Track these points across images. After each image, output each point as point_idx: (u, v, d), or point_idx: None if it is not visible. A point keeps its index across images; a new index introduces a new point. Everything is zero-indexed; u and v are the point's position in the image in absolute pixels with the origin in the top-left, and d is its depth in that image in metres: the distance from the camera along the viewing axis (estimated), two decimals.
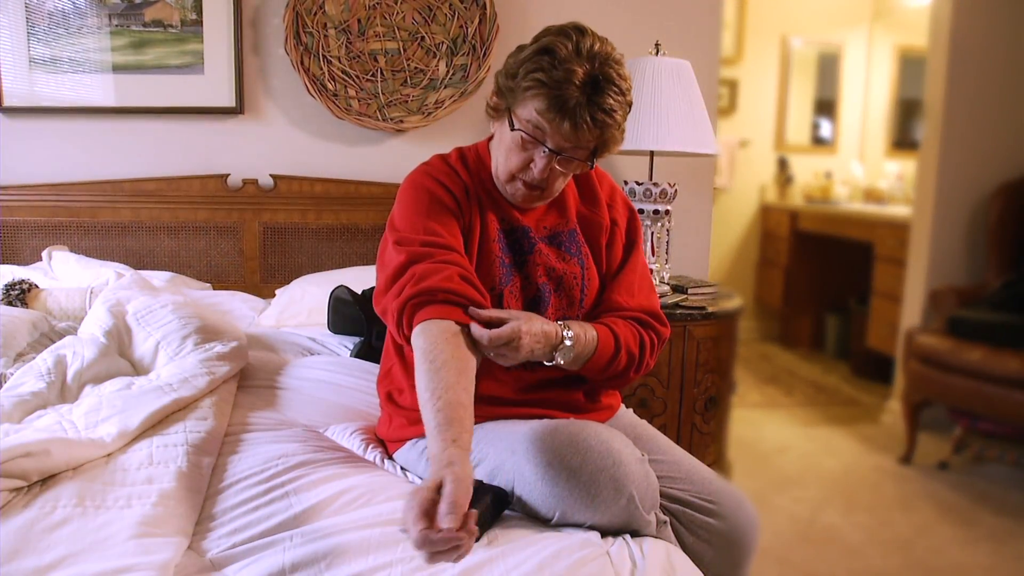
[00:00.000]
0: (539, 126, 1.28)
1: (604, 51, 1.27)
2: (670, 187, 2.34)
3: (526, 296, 1.39)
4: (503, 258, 1.39)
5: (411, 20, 2.62)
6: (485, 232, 1.39)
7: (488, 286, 1.35)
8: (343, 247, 2.67)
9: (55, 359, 1.64)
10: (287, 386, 1.76)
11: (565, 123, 1.25)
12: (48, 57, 2.56)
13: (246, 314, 2.30)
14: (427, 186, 1.38)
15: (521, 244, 1.41)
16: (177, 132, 2.65)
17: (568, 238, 1.45)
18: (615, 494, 1.16)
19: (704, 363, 2.32)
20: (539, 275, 1.40)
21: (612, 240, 1.48)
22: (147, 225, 2.60)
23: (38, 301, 2.09)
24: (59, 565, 1.00)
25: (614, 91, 1.26)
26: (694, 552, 1.28)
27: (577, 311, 1.41)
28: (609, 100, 1.26)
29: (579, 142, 1.28)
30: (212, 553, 1.10)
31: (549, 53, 1.26)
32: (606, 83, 1.26)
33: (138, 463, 1.28)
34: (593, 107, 1.25)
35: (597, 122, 1.26)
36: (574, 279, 1.42)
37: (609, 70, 1.26)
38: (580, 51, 1.25)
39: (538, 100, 1.26)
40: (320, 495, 1.22)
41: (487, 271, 1.37)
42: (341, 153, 2.71)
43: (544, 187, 1.35)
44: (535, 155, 1.31)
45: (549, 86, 1.25)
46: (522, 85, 1.28)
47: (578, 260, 1.43)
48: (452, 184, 1.39)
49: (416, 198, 1.37)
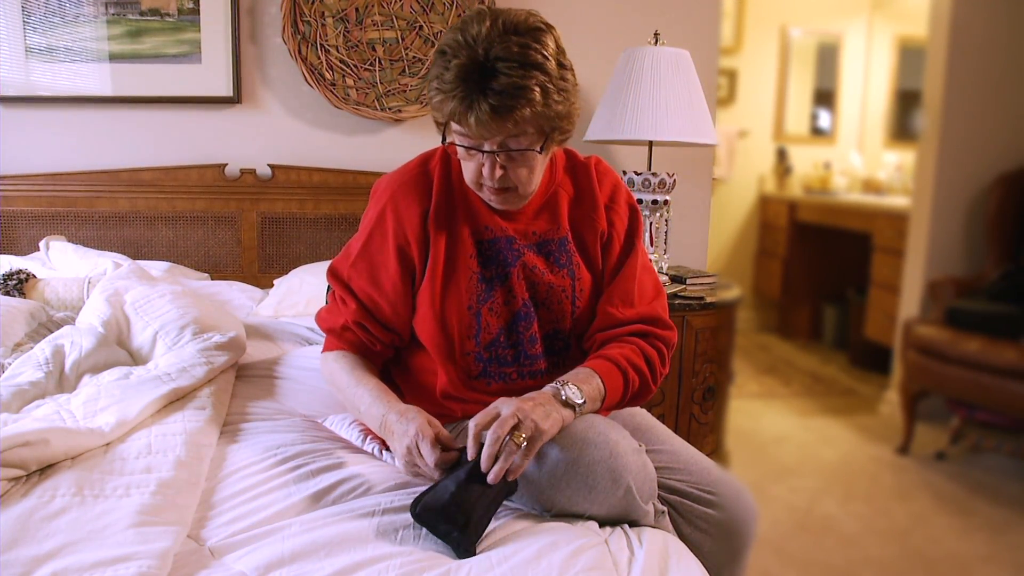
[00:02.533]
0: (462, 131, 1.22)
1: (498, 28, 1.17)
2: (669, 177, 2.34)
3: (509, 311, 1.34)
4: (481, 272, 1.33)
5: (409, 9, 2.61)
6: (455, 248, 1.33)
7: (464, 305, 1.32)
8: (341, 237, 2.66)
9: (53, 349, 1.64)
10: (286, 376, 1.76)
11: (471, 120, 1.17)
12: (44, 46, 2.54)
13: (244, 304, 2.30)
14: (383, 211, 1.36)
15: (504, 255, 1.35)
16: (174, 122, 2.64)
17: (558, 247, 1.38)
18: (612, 485, 1.15)
19: (702, 353, 2.32)
20: (522, 290, 1.34)
21: (608, 245, 1.40)
22: (145, 215, 2.59)
23: (36, 291, 2.09)
24: (58, 554, 1.00)
25: (510, 66, 1.15)
26: (692, 542, 1.28)
27: (569, 323, 1.37)
28: (504, 80, 1.15)
29: (497, 134, 1.20)
30: (211, 542, 1.11)
31: (442, 55, 1.21)
32: (499, 62, 1.16)
33: (137, 452, 1.28)
34: (490, 94, 1.15)
35: (499, 108, 1.16)
36: (563, 292, 1.36)
37: (505, 46, 1.16)
38: (467, 41, 1.17)
39: (444, 107, 1.20)
40: (319, 484, 1.23)
41: (457, 290, 1.32)
42: (339, 143, 2.71)
43: (512, 185, 1.27)
44: (480, 160, 1.25)
45: (445, 91, 1.19)
46: (431, 97, 1.23)
47: (568, 271, 1.37)
48: (411, 208, 1.33)
49: (367, 225, 1.39)
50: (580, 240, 1.40)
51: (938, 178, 3.55)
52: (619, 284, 1.38)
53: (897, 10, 5.10)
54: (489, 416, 1.15)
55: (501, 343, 1.33)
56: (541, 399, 1.18)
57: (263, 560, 1.03)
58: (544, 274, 1.35)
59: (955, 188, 3.56)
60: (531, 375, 1.35)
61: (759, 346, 5.07)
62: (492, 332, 1.33)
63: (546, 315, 1.36)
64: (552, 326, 1.36)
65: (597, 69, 2.61)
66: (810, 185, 5.22)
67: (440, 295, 1.32)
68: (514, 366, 1.34)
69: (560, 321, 1.36)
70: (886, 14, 5.18)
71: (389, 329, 1.38)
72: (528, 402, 1.16)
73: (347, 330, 1.38)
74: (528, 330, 1.34)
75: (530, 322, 1.34)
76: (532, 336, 1.34)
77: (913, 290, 3.65)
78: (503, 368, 1.34)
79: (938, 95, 3.52)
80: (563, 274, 1.36)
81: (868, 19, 5.24)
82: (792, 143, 5.25)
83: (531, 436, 1.12)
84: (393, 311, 1.36)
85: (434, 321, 1.32)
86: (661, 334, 1.38)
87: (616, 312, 1.36)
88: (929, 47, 3.62)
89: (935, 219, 3.57)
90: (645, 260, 1.44)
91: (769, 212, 5.21)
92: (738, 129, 4.82)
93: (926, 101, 3.63)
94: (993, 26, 3.50)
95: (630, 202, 1.44)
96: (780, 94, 5.19)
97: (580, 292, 1.37)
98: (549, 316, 1.36)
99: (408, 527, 1.11)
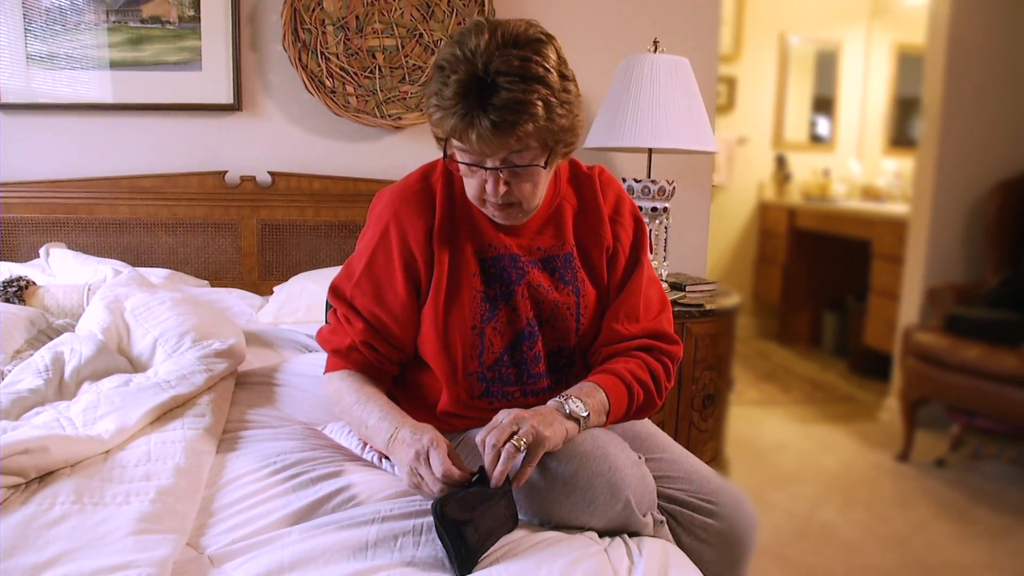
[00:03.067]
0: (463, 148, 1.19)
1: (497, 41, 1.14)
2: (668, 184, 2.34)
3: (513, 330, 1.32)
4: (485, 291, 1.31)
5: (409, 16, 2.62)
6: (458, 267, 1.31)
7: (468, 325, 1.30)
8: (341, 244, 2.66)
9: (53, 356, 1.64)
10: (285, 383, 1.76)
11: (473, 137, 1.14)
12: (45, 53, 2.55)
13: (244, 311, 2.30)
14: (386, 227, 1.32)
15: (508, 273, 1.32)
16: (175, 129, 2.65)
17: (564, 263, 1.35)
18: (611, 499, 1.15)
19: (702, 360, 2.32)
20: (527, 308, 1.32)
21: (613, 259, 1.38)
22: (145, 222, 2.59)
23: (36, 298, 2.09)
24: (57, 562, 0.99)
25: (512, 81, 1.13)
26: (692, 552, 1.26)
27: (573, 340, 1.35)
28: (505, 95, 1.12)
29: (500, 150, 1.17)
30: (211, 550, 1.10)
31: (441, 70, 1.17)
32: (500, 76, 1.13)
33: (136, 460, 1.28)
34: (491, 110, 1.12)
35: (501, 124, 1.13)
36: (568, 310, 1.34)
37: (505, 59, 1.13)
38: (466, 55, 1.14)
39: (445, 124, 1.17)
40: (318, 492, 1.22)
41: (461, 309, 1.30)
42: (339, 150, 2.71)
43: (515, 201, 1.24)
44: (483, 176, 1.22)
45: (444, 108, 1.16)
46: (430, 114, 1.20)
47: (573, 287, 1.35)
48: (416, 224, 1.30)
49: (370, 242, 1.34)
50: (585, 255, 1.37)
51: (937, 185, 3.56)
52: (624, 300, 1.36)
53: (896, 17, 5.11)
54: (491, 428, 1.14)
55: (504, 362, 1.32)
56: (543, 410, 1.18)
57: (262, 568, 1.03)
58: (549, 292, 1.33)
59: (954, 195, 3.56)
60: (534, 393, 1.33)
61: (758, 353, 5.06)
62: (496, 352, 1.31)
63: (551, 333, 1.34)
64: (557, 343, 1.34)
65: (596, 77, 2.61)
66: (809, 192, 5.22)
67: (443, 314, 1.30)
68: (517, 385, 1.33)
69: (564, 339, 1.34)
70: (885, 21, 5.19)
71: (396, 347, 1.34)
72: (529, 411, 1.16)
73: (354, 350, 1.34)
74: (532, 349, 1.32)
75: (534, 341, 1.32)
76: (536, 355, 1.33)
77: (912, 297, 3.64)
78: (506, 387, 1.32)
79: (937, 102, 3.53)
80: (568, 291, 1.34)
81: (867, 26, 5.25)
82: (791, 150, 5.25)
83: (532, 441, 1.11)
84: (400, 329, 1.32)
85: (437, 341, 1.30)
86: (667, 349, 1.36)
87: (621, 328, 1.34)
88: (928, 54, 3.63)
89: (934, 226, 3.57)
90: (651, 273, 1.41)
91: (768, 219, 5.21)
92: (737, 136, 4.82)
93: (925, 108, 3.63)
94: (992, 33, 3.51)
95: (635, 214, 1.42)
96: (779, 101, 5.20)
97: (585, 309, 1.35)
98: (554, 334, 1.34)
99: (407, 535, 1.11)
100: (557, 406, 1.19)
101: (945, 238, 3.58)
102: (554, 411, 1.18)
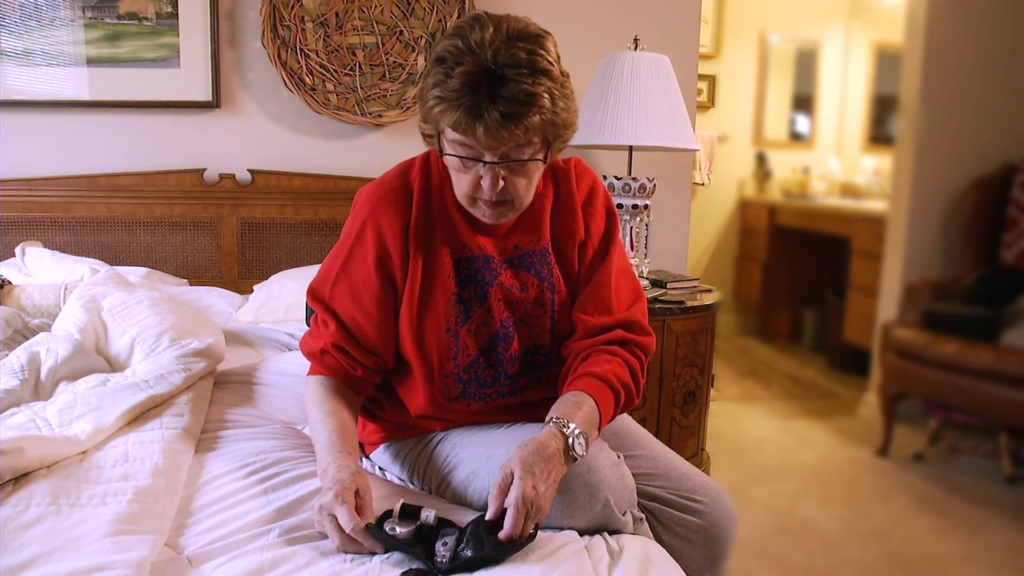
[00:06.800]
0: (463, 142, 1.17)
1: (502, 35, 1.13)
2: (649, 182, 2.35)
3: (488, 332, 1.30)
4: (459, 293, 1.29)
5: (389, 14, 2.61)
6: (433, 268, 1.29)
7: (443, 327, 1.28)
8: (321, 242, 2.65)
9: (28, 356, 1.62)
10: (265, 382, 1.75)
11: (479, 130, 1.12)
12: (20, 50, 2.52)
13: (223, 310, 2.28)
14: (363, 226, 1.30)
15: (482, 275, 1.31)
16: (153, 126, 2.62)
17: (539, 258, 1.34)
18: (590, 500, 1.15)
19: (683, 357, 2.33)
20: (501, 309, 1.31)
21: (584, 251, 1.36)
22: (122, 220, 2.57)
23: (11, 298, 2.07)
24: (33, 564, 0.98)
25: (521, 73, 1.12)
26: (672, 549, 1.27)
27: (548, 338, 1.34)
28: (514, 87, 1.12)
29: (505, 143, 1.15)
30: (189, 550, 1.10)
31: (442, 62, 1.15)
32: (508, 68, 1.12)
33: (113, 460, 1.27)
34: (500, 101, 1.11)
35: (510, 116, 1.12)
36: (542, 307, 1.33)
37: (512, 52, 1.12)
38: (471, 47, 1.13)
39: (447, 116, 1.15)
40: (298, 492, 1.22)
41: (435, 311, 1.29)
42: (319, 148, 2.70)
43: (508, 199, 1.22)
44: (479, 172, 1.20)
45: (449, 99, 1.13)
46: (430, 107, 1.17)
47: (549, 284, 1.33)
48: (392, 222, 1.28)
49: (347, 240, 1.32)
50: (560, 250, 1.36)
51: (915, 182, 3.60)
52: (592, 291, 1.34)
53: (874, 16, 5.16)
54: (504, 486, 1.09)
55: (480, 364, 1.31)
56: (551, 462, 1.11)
57: (242, 569, 1.03)
58: (523, 291, 1.32)
59: (932, 192, 3.60)
60: (511, 393, 1.33)
61: (739, 349, 5.10)
62: (471, 354, 1.30)
63: (526, 332, 1.33)
64: (532, 341, 1.33)
65: (577, 75, 2.56)
66: (789, 190, 5.26)
67: (417, 316, 1.29)
68: (493, 386, 1.32)
69: (540, 336, 1.33)
70: (863, 20, 5.23)
71: (372, 352, 1.31)
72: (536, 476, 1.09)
73: (326, 354, 1.31)
74: (508, 350, 1.31)
75: (509, 342, 1.31)
76: (512, 356, 1.31)
77: (891, 293, 3.68)
78: (482, 389, 1.31)
79: (914, 100, 3.57)
80: (543, 287, 1.33)
81: (846, 25, 5.29)
82: (771, 148, 5.29)
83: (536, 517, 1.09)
84: (376, 331, 1.30)
85: (412, 344, 1.29)
86: (640, 341, 1.34)
87: (591, 320, 1.32)
88: (905, 53, 3.67)
89: (912, 223, 3.61)
90: (622, 264, 1.38)
91: (749, 216, 5.25)
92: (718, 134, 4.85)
93: (903, 106, 3.68)
94: (968, 32, 3.55)
95: (608, 206, 1.40)
96: (759, 99, 5.23)
97: (560, 304, 1.34)
98: (529, 332, 1.33)
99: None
100: (566, 447, 1.14)
101: (923, 235, 3.62)
102: (560, 457, 1.12)
